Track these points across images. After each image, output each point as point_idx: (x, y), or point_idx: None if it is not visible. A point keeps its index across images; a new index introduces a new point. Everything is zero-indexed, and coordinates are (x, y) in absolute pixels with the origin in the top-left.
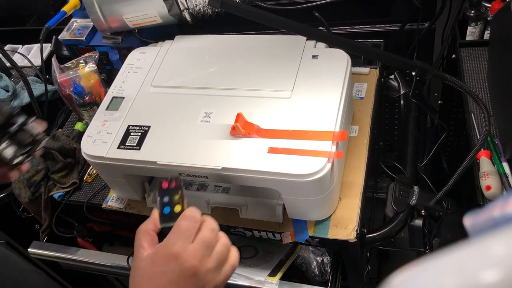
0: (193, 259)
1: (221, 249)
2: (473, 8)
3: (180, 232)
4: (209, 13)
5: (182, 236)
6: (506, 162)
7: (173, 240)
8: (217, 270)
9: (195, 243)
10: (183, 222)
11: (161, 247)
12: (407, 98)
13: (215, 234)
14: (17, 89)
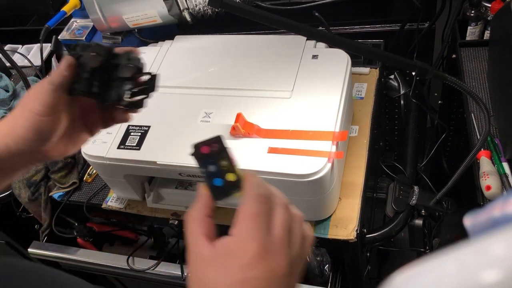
0: (282, 256)
1: (299, 227)
2: (473, 8)
3: (254, 220)
4: (209, 13)
5: (259, 225)
6: (506, 162)
7: (247, 233)
8: (301, 252)
9: (277, 232)
10: (253, 204)
11: (234, 245)
12: (407, 98)
13: (289, 210)
14: (17, 89)
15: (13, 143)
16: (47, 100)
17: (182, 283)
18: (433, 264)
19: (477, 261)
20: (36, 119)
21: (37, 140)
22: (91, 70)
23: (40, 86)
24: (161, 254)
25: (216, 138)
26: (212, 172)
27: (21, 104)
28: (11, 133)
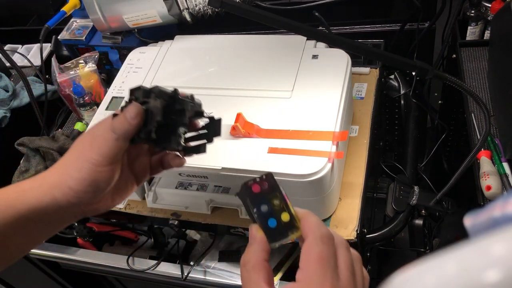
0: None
1: (360, 267)
2: (473, 8)
3: (322, 264)
4: (209, 13)
5: (328, 269)
6: (506, 162)
7: (317, 277)
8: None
9: (343, 275)
10: (319, 246)
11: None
12: (407, 98)
13: (350, 250)
14: (16, 89)
15: (62, 195)
16: (108, 149)
17: (182, 283)
18: (433, 264)
19: (477, 261)
20: (93, 170)
21: (91, 192)
22: (159, 120)
23: (99, 134)
24: (161, 254)
25: (267, 176)
26: (265, 213)
27: (74, 153)
28: (60, 185)
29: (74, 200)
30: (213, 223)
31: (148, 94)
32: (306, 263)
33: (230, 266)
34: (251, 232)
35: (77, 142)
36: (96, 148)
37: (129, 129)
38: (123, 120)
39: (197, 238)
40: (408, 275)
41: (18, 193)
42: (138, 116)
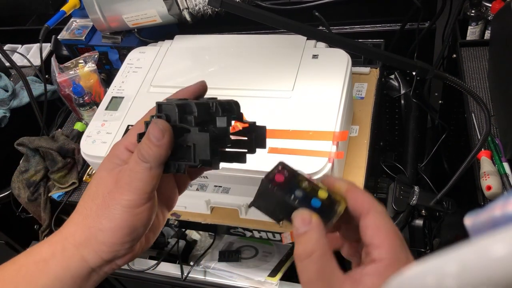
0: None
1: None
2: (474, 8)
3: (401, 239)
4: (209, 13)
5: (404, 244)
6: (506, 162)
7: (401, 254)
8: None
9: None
10: (388, 219)
11: (390, 269)
12: (408, 98)
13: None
14: (16, 89)
15: (93, 254)
16: (143, 184)
17: (182, 283)
18: (434, 265)
19: (477, 262)
20: (128, 214)
21: (128, 242)
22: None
23: (126, 170)
24: (161, 255)
25: (282, 164)
26: (303, 196)
27: (96, 199)
28: (89, 242)
29: (108, 256)
30: (213, 223)
31: (183, 111)
32: (383, 239)
33: (230, 266)
34: (299, 220)
35: (95, 184)
36: (127, 186)
37: (160, 153)
38: (150, 144)
39: (197, 238)
40: (408, 275)
41: (38, 264)
42: (164, 133)
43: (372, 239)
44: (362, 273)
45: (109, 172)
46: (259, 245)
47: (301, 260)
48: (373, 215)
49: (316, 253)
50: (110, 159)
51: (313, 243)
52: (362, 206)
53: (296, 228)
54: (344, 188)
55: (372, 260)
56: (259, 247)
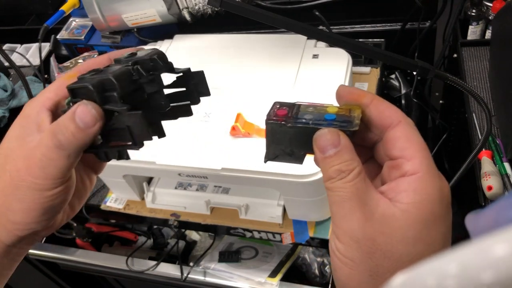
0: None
1: None
2: (475, 7)
3: (429, 152)
4: (209, 12)
5: (430, 155)
6: (507, 163)
7: (434, 169)
8: None
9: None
10: (417, 131)
11: (430, 186)
12: (408, 97)
13: None
14: (15, 88)
15: (7, 233)
16: (57, 170)
17: (182, 284)
18: (434, 265)
19: (478, 262)
20: (40, 196)
21: (45, 220)
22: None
23: (35, 152)
24: (160, 255)
25: (278, 103)
26: (315, 117)
27: (7, 182)
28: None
29: (25, 233)
30: (212, 224)
31: (103, 85)
32: (416, 151)
33: (230, 267)
34: (325, 142)
35: (2, 155)
36: (38, 170)
37: (85, 142)
38: (74, 130)
39: (196, 238)
40: (409, 276)
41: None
42: (97, 120)
43: (403, 151)
44: (397, 190)
45: (20, 143)
46: (259, 246)
47: (332, 182)
48: (403, 126)
49: (353, 172)
50: (22, 122)
51: (347, 163)
52: (390, 117)
53: (322, 151)
54: (367, 100)
55: (403, 174)
56: (259, 248)
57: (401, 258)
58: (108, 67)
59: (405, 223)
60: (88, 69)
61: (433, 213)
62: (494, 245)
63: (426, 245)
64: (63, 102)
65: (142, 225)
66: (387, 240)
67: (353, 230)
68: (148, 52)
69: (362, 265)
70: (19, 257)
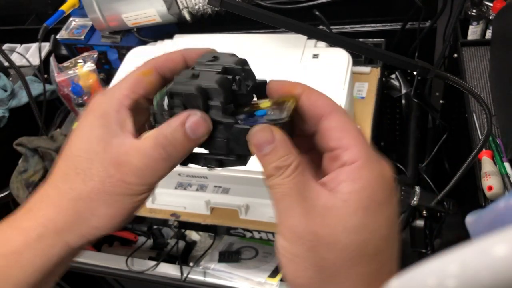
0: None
1: None
2: (475, 7)
3: (365, 140)
4: (209, 12)
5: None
6: (508, 163)
7: (373, 155)
8: None
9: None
10: (351, 120)
11: (375, 173)
12: (409, 97)
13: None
14: (15, 88)
15: (80, 238)
16: (156, 177)
17: (182, 284)
18: (435, 265)
19: (478, 262)
20: (131, 200)
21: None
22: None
23: (134, 160)
24: (160, 255)
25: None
26: (248, 116)
27: (85, 181)
28: (77, 227)
29: (96, 237)
30: (212, 224)
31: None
32: (352, 139)
33: (230, 267)
34: (259, 140)
35: (85, 159)
36: (133, 178)
37: (190, 150)
38: (184, 142)
39: (196, 239)
40: (409, 276)
41: (8, 258)
42: (207, 133)
43: (340, 141)
44: (337, 180)
45: (105, 146)
46: (259, 246)
47: (272, 179)
48: (337, 116)
49: (290, 167)
50: (102, 122)
51: (284, 158)
52: (322, 107)
53: (258, 150)
54: (299, 91)
55: (342, 164)
56: (259, 248)
57: (346, 248)
58: (193, 69)
59: (346, 212)
60: (163, 66)
61: (374, 199)
62: (494, 245)
63: (370, 232)
64: (141, 100)
65: (142, 225)
66: (329, 231)
67: (295, 225)
68: (230, 57)
69: (307, 260)
70: (76, 256)
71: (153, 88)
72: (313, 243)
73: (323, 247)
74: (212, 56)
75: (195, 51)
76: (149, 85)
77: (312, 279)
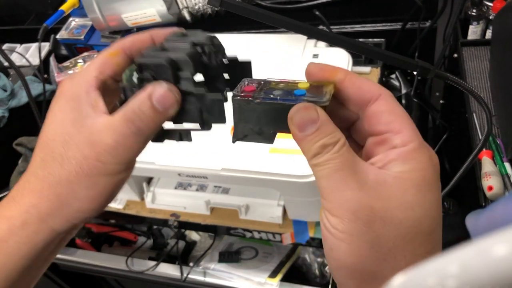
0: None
1: None
2: (475, 7)
3: (412, 122)
4: (209, 12)
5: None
6: (508, 163)
7: (422, 140)
8: None
9: None
10: (398, 104)
11: (420, 155)
12: (409, 97)
13: None
14: (15, 88)
15: (65, 222)
16: (131, 154)
17: (182, 284)
18: (435, 265)
19: (478, 262)
20: (110, 180)
21: (105, 205)
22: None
23: (107, 138)
24: (160, 255)
25: (246, 80)
26: (284, 92)
27: (62, 165)
28: (61, 211)
29: (82, 221)
30: (212, 224)
31: (161, 69)
32: (403, 123)
33: (229, 267)
34: (302, 119)
35: (60, 143)
36: (108, 156)
37: (161, 123)
38: (153, 115)
39: (196, 239)
40: (409, 276)
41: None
42: (177, 103)
43: (389, 125)
44: (385, 160)
45: (78, 128)
46: (259, 246)
47: (319, 157)
48: (385, 99)
49: (338, 143)
50: (73, 105)
51: (331, 136)
52: (369, 91)
53: (302, 129)
54: (341, 76)
55: (392, 147)
56: (259, 248)
57: (401, 224)
58: (162, 45)
59: (399, 188)
60: (132, 47)
61: (425, 179)
62: (495, 245)
63: (424, 209)
64: (109, 81)
65: (142, 225)
66: (385, 205)
67: (348, 200)
68: (200, 33)
69: (362, 238)
70: (65, 241)
71: (120, 68)
72: (368, 218)
73: (378, 223)
74: (181, 34)
75: (163, 31)
76: (117, 66)
77: (366, 258)
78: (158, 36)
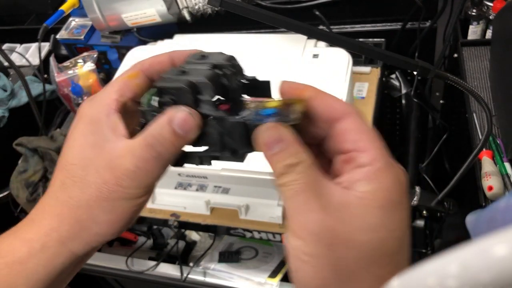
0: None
1: None
2: (475, 7)
3: (382, 143)
4: (209, 12)
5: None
6: (508, 162)
7: (389, 158)
8: None
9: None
10: (364, 123)
11: (388, 173)
12: (409, 97)
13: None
14: (15, 88)
15: (84, 245)
16: (151, 179)
17: (182, 284)
18: (435, 266)
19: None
20: (131, 205)
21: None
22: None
23: (127, 163)
24: (160, 255)
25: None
26: (253, 113)
27: (82, 189)
28: (80, 235)
29: (101, 244)
30: (212, 224)
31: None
32: (369, 142)
33: (230, 267)
34: (269, 138)
35: (80, 167)
36: (129, 181)
37: (181, 148)
38: (173, 140)
39: (196, 239)
40: (409, 276)
41: (12, 267)
42: (198, 128)
43: (356, 143)
44: (351, 180)
45: (98, 152)
46: (259, 246)
47: (283, 177)
48: (353, 118)
49: (303, 163)
50: (92, 128)
51: (296, 156)
52: (338, 110)
53: (268, 149)
54: (310, 93)
55: (357, 166)
56: (259, 248)
57: (364, 247)
58: (182, 67)
59: (363, 210)
60: (151, 68)
61: (390, 200)
62: (494, 245)
63: (388, 230)
64: (129, 103)
65: (142, 225)
66: (347, 228)
67: (310, 222)
68: (219, 55)
69: (324, 260)
70: (82, 263)
71: (141, 90)
72: (330, 241)
73: (340, 245)
74: (200, 55)
75: (183, 53)
76: (137, 87)
77: (330, 280)
78: (177, 57)
